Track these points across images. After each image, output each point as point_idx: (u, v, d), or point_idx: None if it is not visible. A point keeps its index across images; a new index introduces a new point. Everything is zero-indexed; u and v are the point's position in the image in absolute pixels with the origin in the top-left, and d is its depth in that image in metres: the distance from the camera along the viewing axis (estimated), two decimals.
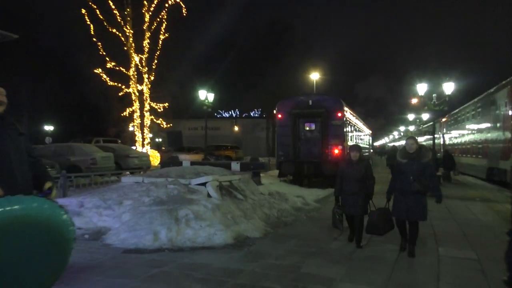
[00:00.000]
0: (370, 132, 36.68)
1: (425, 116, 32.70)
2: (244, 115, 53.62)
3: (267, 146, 42.79)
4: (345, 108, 18.64)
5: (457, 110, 29.99)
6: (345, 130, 18.89)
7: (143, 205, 7.21)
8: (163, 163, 11.17)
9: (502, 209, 10.68)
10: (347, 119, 19.67)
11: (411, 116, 34.68)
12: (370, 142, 36.78)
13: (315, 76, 34.86)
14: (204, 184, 8.07)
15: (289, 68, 39.91)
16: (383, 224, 6.19)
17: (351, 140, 21.37)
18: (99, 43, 23.62)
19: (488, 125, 19.53)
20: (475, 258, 5.97)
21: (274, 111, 19.53)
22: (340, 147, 18.29)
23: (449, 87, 13.39)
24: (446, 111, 31.21)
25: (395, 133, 53.17)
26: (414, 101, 48.46)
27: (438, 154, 31.91)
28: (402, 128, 46.27)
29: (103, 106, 26.41)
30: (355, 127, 23.83)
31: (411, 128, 38.77)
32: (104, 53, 23.86)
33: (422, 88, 13.83)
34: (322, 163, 18.11)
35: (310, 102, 18.67)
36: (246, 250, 6.28)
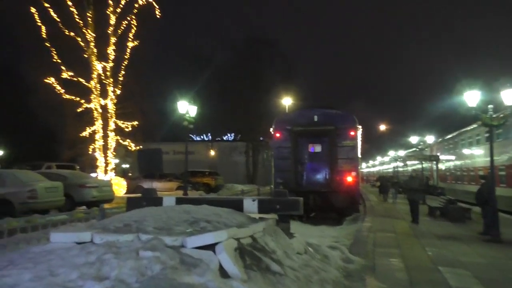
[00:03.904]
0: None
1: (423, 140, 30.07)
2: (216, 139, 49.74)
3: (246, 172, 38.90)
4: (359, 126, 15.32)
5: (456, 134, 27.75)
6: (359, 152, 15.55)
7: None
8: (130, 201, 7.13)
9: None
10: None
11: (414, 139, 32.06)
12: None
13: (287, 101, 31.66)
14: (211, 246, 4.23)
15: (270, 88, 36.75)
16: None
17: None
18: (53, 49, 19.48)
19: None
20: None
21: (271, 129, 15.97)
22: (353, 173, 14.81)
23: (510, 96, 10.33)
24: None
25: (378, 158, 50.98)
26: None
27: (431, 181, 29.46)
28: (391, 153, 43.75)
29: (57, 125, 21.96)
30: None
31: (401, 152, 36.32)
32: (59, 60, 19.70)
33: (473, 97, 10.70)
34: (332, 193, 14.58)
35: (316, 117, 15.26)
36: None
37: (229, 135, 49.40)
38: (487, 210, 11.24)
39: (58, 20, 19.52)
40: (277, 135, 15.52)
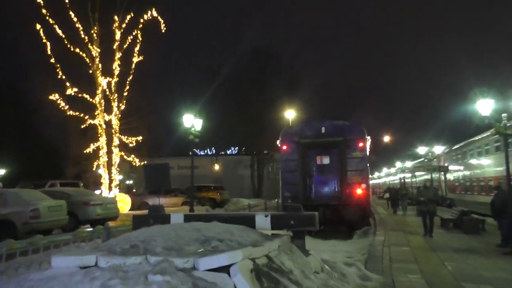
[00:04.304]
0: None
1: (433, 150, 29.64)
2: (220, 154, 49.40)
3: (252, 186, 38.46)
4: (367, 137, 15.02)
5: (464, 143, 27.28)
6: (368, 164, 15.21)
7: None
8: (136, 219, 6.81)
9: None
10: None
11: (422, 149, 31.66)
12: None
13: (291, 114, 31.11)
14: (225, 268, 3.92)
15: (274, 100, 36.51)
16: None
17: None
18: (57, 65, 19.44)
19: None
20: None
21: (278, 142, 15.70)
22: (363, 185, 14.45)
23: None
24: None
25: (384, 169, 50.48)
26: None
27: (439, 192, 28.86)
28: (398, 164, 43.26)
29: (62, 141, 21.81)
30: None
31: (408, 163, 35.87)
32: (64, 77, 19.63)
33: (486, 105, 10.41)
34: (342, 206, 14.21)
35: (323, 129, 15.01)
36: None
37: (233, 148, 49.08)
38: (502, 221, 10.84)
39: (63, 36, 19.54)
40: (284, 147, 15.25)
